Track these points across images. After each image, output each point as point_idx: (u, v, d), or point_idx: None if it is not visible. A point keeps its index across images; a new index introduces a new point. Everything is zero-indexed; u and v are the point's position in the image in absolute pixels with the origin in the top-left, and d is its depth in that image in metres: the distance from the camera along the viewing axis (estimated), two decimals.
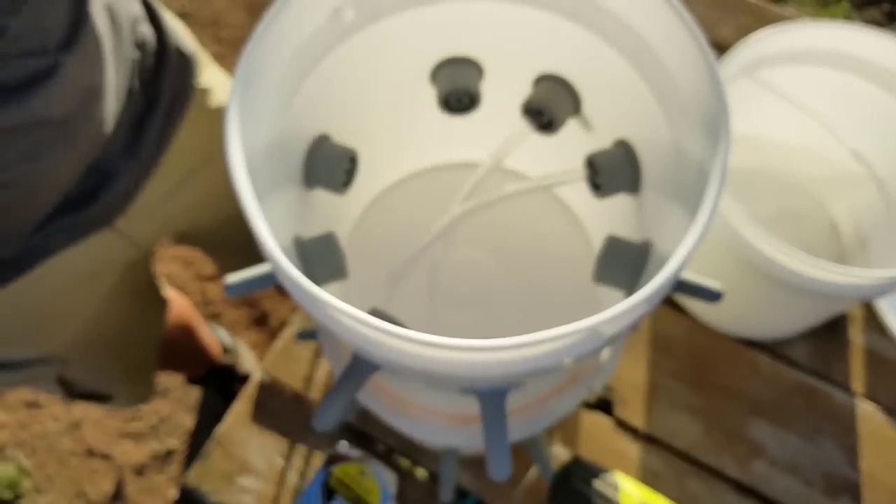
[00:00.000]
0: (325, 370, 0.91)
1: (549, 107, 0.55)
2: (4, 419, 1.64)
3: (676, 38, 0.44)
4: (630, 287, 0.51)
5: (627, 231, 0.54)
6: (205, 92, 0.83)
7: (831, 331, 0.91)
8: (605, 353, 0.63)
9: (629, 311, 0.36)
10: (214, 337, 1.51)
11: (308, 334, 0.76)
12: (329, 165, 0.55)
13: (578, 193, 0.61)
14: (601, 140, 0.56)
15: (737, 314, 0.88)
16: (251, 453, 0.86)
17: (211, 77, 0.85)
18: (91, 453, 1.60)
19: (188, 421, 1.62)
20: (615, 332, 0.40)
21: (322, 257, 0.53)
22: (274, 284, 0.53)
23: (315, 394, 0.89)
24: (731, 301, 0.87)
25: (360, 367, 0.46)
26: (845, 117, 0.87)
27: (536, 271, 0.67)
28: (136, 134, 0.77)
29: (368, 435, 0.86)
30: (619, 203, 0.56)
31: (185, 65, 0.81)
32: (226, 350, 1.54)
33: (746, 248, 0.72)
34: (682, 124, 0.47)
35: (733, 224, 0.72)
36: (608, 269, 0.51)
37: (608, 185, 0.54)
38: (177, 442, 1.60)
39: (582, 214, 0.69)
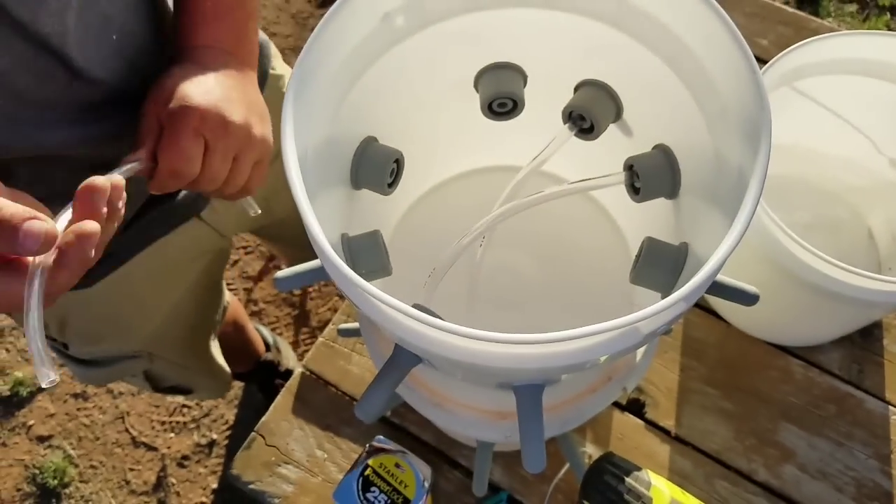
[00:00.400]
0: (364, 367, 0.93)
1: (590, 112, 0.57)
2: (53, 410, 1.69)
3: (720, 45, 0.46)
4: (667, 289, 0.52)
5: (665, 234, 0.55)
6: (279, 77, 0.86)
7: (865, 339, 0.92)
8: (639, 354, 0.65)
9: (667, 309, 0.38)
10: (258, 334, 1.55)
11: (350, 331, 0.79)
12: (376, 167, 0.57)
13: (617, 197, 0.63)
14: (641, 145, 0.58)
15: (771, 319, 0.89)
16: (292, 445, 0.89)
17: (282, 64, 0.88)
18: (136, 444, 1.64)
19: (230, 415, 1.66)
20: (652, 330, 0.42)
21: (367, 254, 0.55)
22: (322, 280, 0.56)
23: (354, 389, 0.92)
24: (766, 306, 0.88)
25: (402, 360, 0.48)
26: (885, 127, 0.87)
27: (574, 273, 0.69)
28: None
29: (405, 429, 0.88)
30: (657, 207, 0.58)
31: (260, 50, 0.84)
32: (268, 347, 1.57)
33: (784, 253, 0.73)
34: (723, 130, 0.48)
35: (771, 230, 0.73)
36: (646, 270, 0.53)
37: (647, 190, 0.56)
38: (218, 435, 1.64)
39: (620, 218, 0.71)
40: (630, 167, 0.56)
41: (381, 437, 0.85)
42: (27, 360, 1.74)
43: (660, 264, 0.52)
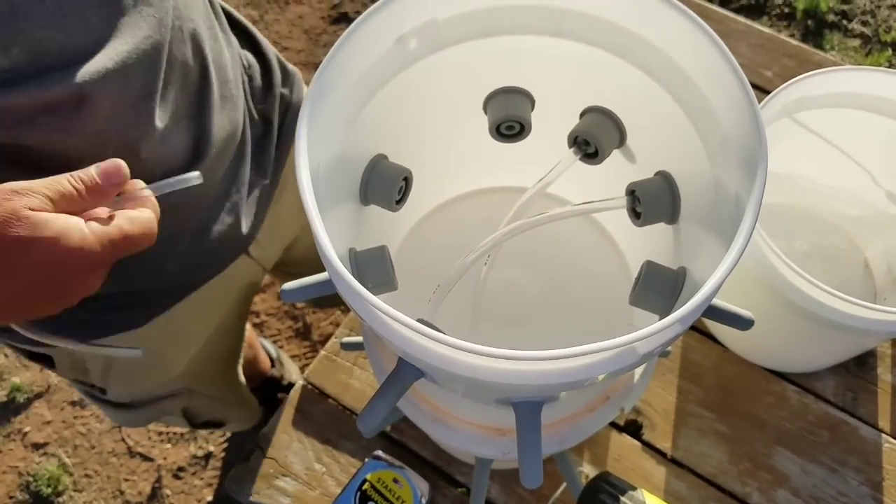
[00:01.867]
0: (365, 381, 0.94)
1: (595, 138, 0.58)
2: (49, 417, 1.69)
3: (721, 79, 0.47)
4: (665, 312, 0.53)
5: (664, 258, 0.56)
6: None
7: (860, 367, 0.93)
8: (637, 375, 0.66)
9: (663, 330, 0.39)
10: (264, 351, 1.56)
11: (353, 345, 0.80)
12: (385, 184, 0.58)
13: (619, 220, 0.64)
14: (643, 171, 0.59)
15: (767, 346, 0.90)
16: (290, 457, 0.90)
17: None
18: (132, 454, 1.65)
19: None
20: (649, 350, 0.43)
21: (374, 268, 0.56)
22: (328, 293, 0.57)
23: (354, 403, 0.93)
24: (763, 332, 0.90)
25: (405, 374, 0.49)
26: (882, 160, 0.89)
27: (575, 293, 0.70)
28: (260, 154, 0.80)
29: (404, 444, 0.89)
30: (657, 231, 0.59)
31: (289, 80, 0.85)
32: (272, 363, 1.58)
33: (781, 281, 0.74)
34: (722, 160, 0.50)
35: (769, 258, 0.74)
36: (645, 293, 0.54)
37: (648, 214, 0.57)
38: (214, 447, 1.64)
39: (621, 240, 0.72)
40: (632, 192, 0.57)
41: (380, 451, 0.85)
42: (25, 366, 1.74)
43: (658, 288, 0.54)
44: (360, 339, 0.76)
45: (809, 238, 0.98)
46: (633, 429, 0.89)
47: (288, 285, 0.58)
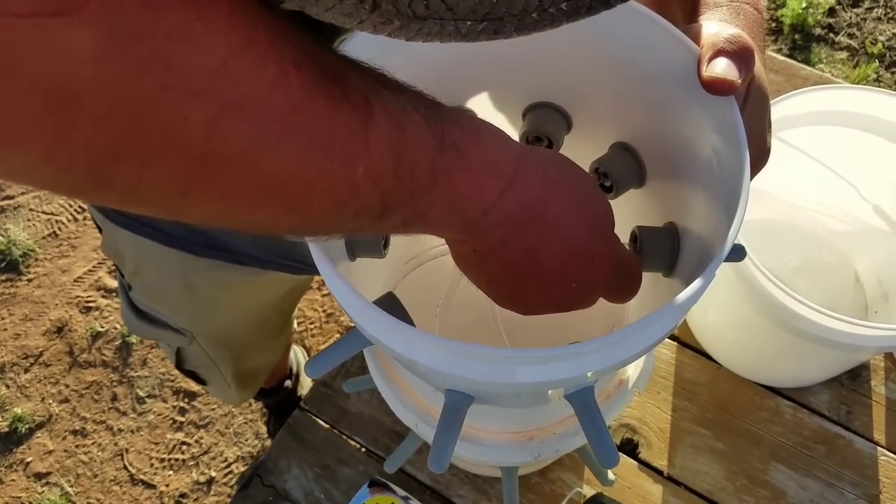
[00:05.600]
0: (361, 406, 0.95)
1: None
2: (51, 446, 1.70)
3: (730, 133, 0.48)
4: (670, 267, 0.54)
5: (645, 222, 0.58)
6: None
7: (853, 380, 0.94)
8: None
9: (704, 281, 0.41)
10: (288, 360, 1.59)
11: (357, 384, 0.79)
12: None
13: None
14: (599, 146, 0.60)
15: (759, 362, 0.91)
16: (290, 484, 0.90)
17: None
18: (134, 481, 1.65)
19: (229, 452, 1.67)
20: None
21: (391, 313, 0.56)
22: (355, 351, 0.57)
23: (352, 428, 0.93)
24: (755, 349, 0.91)
25: (456, 403, 0.50)
26: (867, 175, 0.90)
27: None
28: None
29: (402, 469, 0.90)
30: (625, 202, 0.59)
31: None
32: (290, 373, 1.60)
33: (769, 300, 0.75)
34: (688, 120, 0.51)
35: (758, 277, 0.75)
36: (648, 255, 0.54)
37: (620, 186, 0.58)
38: (217, 472, 1.65)
39: None
40: (596, 169, 0.58)
41: (378, 477, 0.86)
42: (27, 397, 1.75)
43: (658, 246, 0.54)
44: (365, 376, 0.75)
45: (799, 253, 0.99)
46: (628, 447, 0.90)
47: (312, 363, 0.57)
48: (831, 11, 2.18)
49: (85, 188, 0.28)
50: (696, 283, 0.42)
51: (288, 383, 1.58)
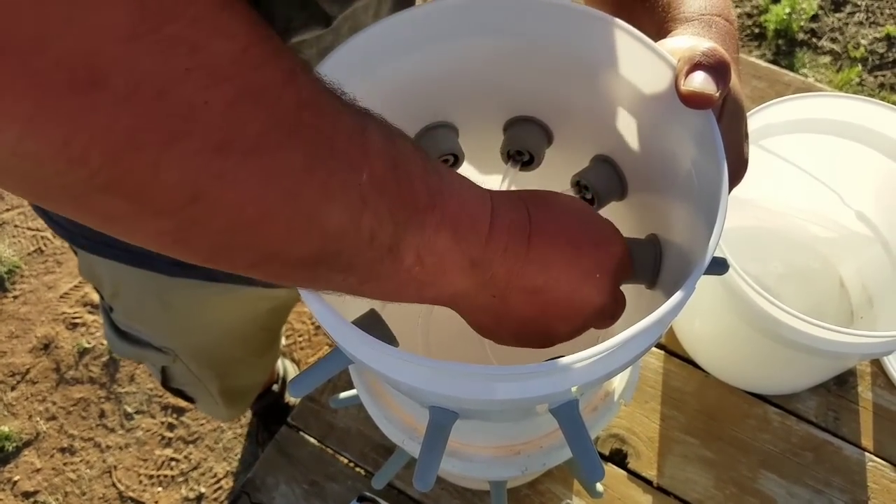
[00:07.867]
0: (349, 421, 0.94)
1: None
2: (39, 465, 1.68)
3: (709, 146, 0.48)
4: (652, 279, 0.54)
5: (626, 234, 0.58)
6: None
7: (840, 386, 0.94)
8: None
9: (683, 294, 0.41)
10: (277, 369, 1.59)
11: (343, 401, 0.79)
12: None
13: None
14: (580, 160, 0.60)
15: (746, 370, 0.91)
16: (277, 500, 0.90)
17: None
18: (123, 499, 1.64)
19: (218, 468, 1.66)
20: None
21: (373, 331, 0.56)
22: (340, 369, 0.56)
23: (339, 444, 0.93)
24: (741, 358, 0.91)
25: (440, 420, 0.50)
26: (849, 182, 0.90)
27: None
28: None
29: (390, 483, 0.89)
30: (607, 214, 0.59)
31: None
32: (278, 379, 1.59)
33: (753, 308, 0.75)
34: (667, 134, 0.51)
35: (742, 287, 0.75)
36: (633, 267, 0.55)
37: (602, 199, 0.57)
38: (206, 488, 1.64)
39: None
40: (577, 182, 0.58)
41: (367, 492, 0.86)
42: (14, 415, 1.73)
43: (642, 258, 0.54)
44: (351, 392, 0.75)
45: (784, 259, 0.99)
46: (617, 458, 0.90)
47: (295, 380, 0.57)
48: (814, 17, 2.19)
49: (90, 189, 0.27)
50: (677, 296, 0.41)
51: (275, 387, 1.58)
